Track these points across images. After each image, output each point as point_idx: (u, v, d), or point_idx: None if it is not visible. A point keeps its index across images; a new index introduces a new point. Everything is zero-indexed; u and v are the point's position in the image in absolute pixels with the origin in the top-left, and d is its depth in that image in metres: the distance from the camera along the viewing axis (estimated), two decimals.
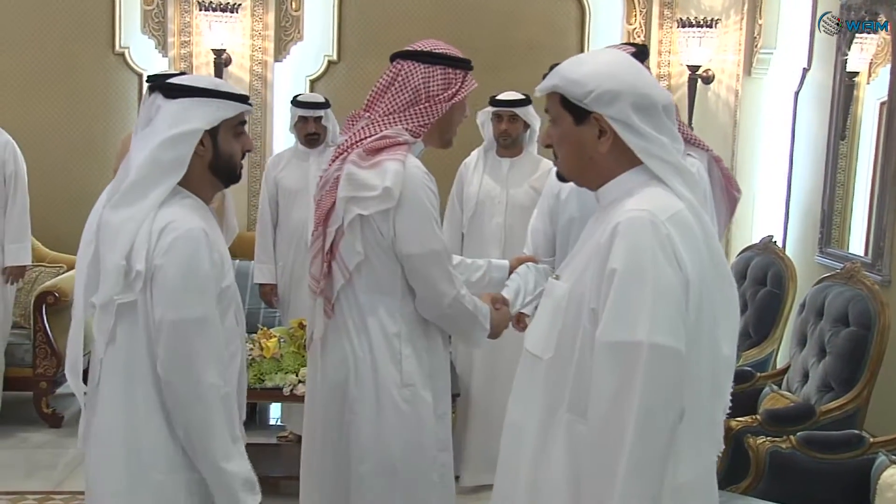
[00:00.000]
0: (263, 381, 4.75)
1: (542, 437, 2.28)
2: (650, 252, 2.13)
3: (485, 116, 5.59)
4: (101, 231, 2.67)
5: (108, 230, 2.64)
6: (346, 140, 3.26)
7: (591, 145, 2.30)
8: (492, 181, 5.55)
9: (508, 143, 5.51)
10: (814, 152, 6.14)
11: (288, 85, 7.07)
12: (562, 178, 2.55)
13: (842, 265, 4.98)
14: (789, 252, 5.90)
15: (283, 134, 7.03)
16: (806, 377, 4.68)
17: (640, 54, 3.46)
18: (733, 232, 6.80)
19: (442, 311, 3.21)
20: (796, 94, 6.43)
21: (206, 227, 2.67)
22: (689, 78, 6.86)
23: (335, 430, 3.29)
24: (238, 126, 2.81)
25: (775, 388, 4.79)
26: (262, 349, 4.91)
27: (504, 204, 5.47)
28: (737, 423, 4.03)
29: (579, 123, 2.30)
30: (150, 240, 2.59)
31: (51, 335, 6.15)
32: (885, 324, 4.39)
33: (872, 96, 5.58)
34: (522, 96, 5.44)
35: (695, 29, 6.80)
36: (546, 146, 2.46)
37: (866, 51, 5.58)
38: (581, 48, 7.07)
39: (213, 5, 6.81)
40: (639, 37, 6.98)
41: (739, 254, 5.88)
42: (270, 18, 7.00)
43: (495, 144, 5.57)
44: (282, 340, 4.98)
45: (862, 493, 3.84)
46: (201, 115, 2.70)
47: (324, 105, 5.81)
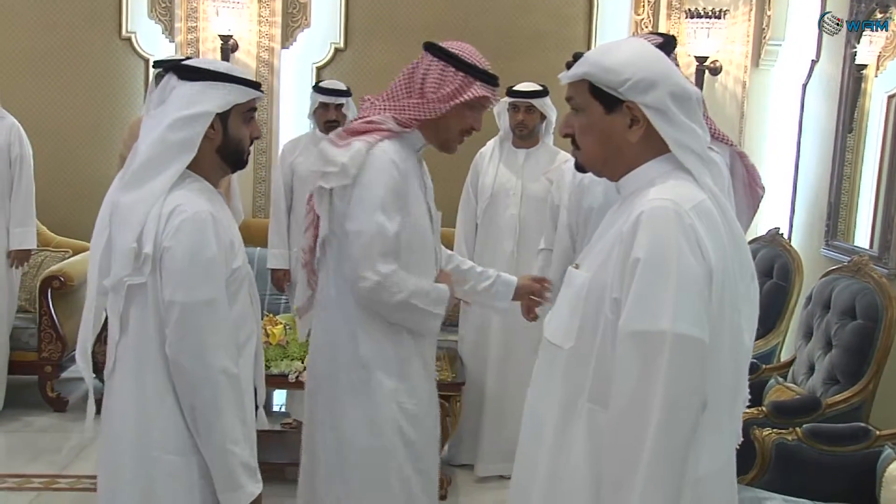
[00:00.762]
0: (269, 367, 4.75)
1: (562, 426, 2.27)
2: (674, 242, 2.12)
3: (501, 107, 5.57)
4: (114, 213, 2.67)
5: (119, 212, 2.66)
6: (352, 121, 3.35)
7: (620, 134, 2.28)
8: (507, 172, 5.54)
9: (525, 135, 5.52)
10: (821, 145, 6.13)
11: (294, 72, 7.06)
12: (581, 168, 2.49)
13: (848, 258, 4.98)
14: (795, 244, 5.91)
15: (289, 120, 7.04)
16: (812, 370, 4.69)
17: (667, 45, 3.43)
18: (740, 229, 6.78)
19: (362, 296, 3.18)
20: (804, 86, 6.43)
21: (213, 210, 2.69)
22: (696, 69, 6.82)
23: (312, 405, 3.39)
24: (248, 112, 2.83)
25: (781, 380, 4.80)
26: (268, 336, 4.92)
27: (519, 195, 5.47)
28: (742, 414, 4.01)
29: (610, 112, 2.27)
30: (158, 223, 2.61)
31: (56, 319, 6.16)
32: (893, 317, 4.39)
33: (881, 89, 5.56)
34: (540, 87, 5.43)
35: (703, 20, 6.78)
36: (564, 136, 2.43)
37: (875, 44, 5.57)
38: (588, 38, 7.07)
39: None
40: (646, 27, 6.96)
41: None
42: (278, 5, 6.99)
43: (511, 135, 5.57)
44: (287, 327, 4.98)
45: (867, 486, 3.85)
46: (214, 99, 2.72)
47: (346, 93, 5.79)
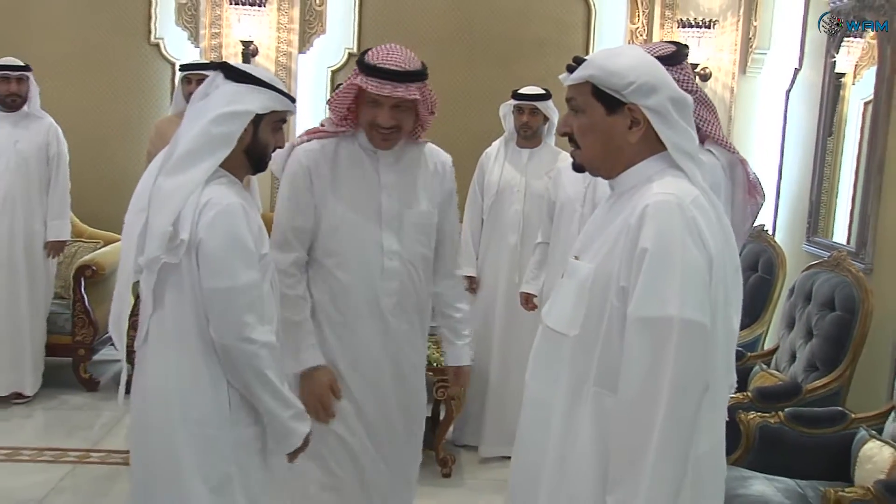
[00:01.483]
0: None
1: (570, 410, 2.26)
2: (678, 233, 2.13)
3: (507, 109, 5.62)
4: (154, 196, 2.72)
5: (160, 194, 2.71)
6: None
7: (620, 134, 2.28)
8: (512, 170, 5.58)
9: (529, 135, 5.55)
10: (803, 147, 6.14)
11: (311, 75, 7.10)
12: (578, 167, 2.43)
13: (827, 253, 5.03)
14: (779, 240, 5.92)
15: (305, 120, 7.07)
16: (793, 357, 4.73)
17: (680, 54, 3.36)
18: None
19: None
20: (788, 92, 6.42)
21: (242, 202, 2.76)
22: None
23: None
24: (278, 122, 2.89)
25: (764, 367, 4.83)
26: None
27: (523, 192, 5.50)
28: (729, 399, 4.05)
29: (611, 113, 2.27)
30: (194, 213, 2.67)
31: (88, 305, 6.22)
32: (868, 309, 4.44)
33: (857, 96, 5.58)
34: (543, 91, 5.48)
35: (694, 29, 6.80)
36: (562, 135, 2.42)
37: (853, 54, 5.59)
38: (587, 45, 7.07)
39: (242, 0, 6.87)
40: (641, 35, 6.99)
41: None
42: (295, 12, 7.02)
43: (516, 135, 5.60)
44: None
45: (843, 465, 3.90)
46: (255, 100, 2.78)
47: None
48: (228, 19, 6.90)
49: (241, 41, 6.85)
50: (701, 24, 6.83)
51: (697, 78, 6.83)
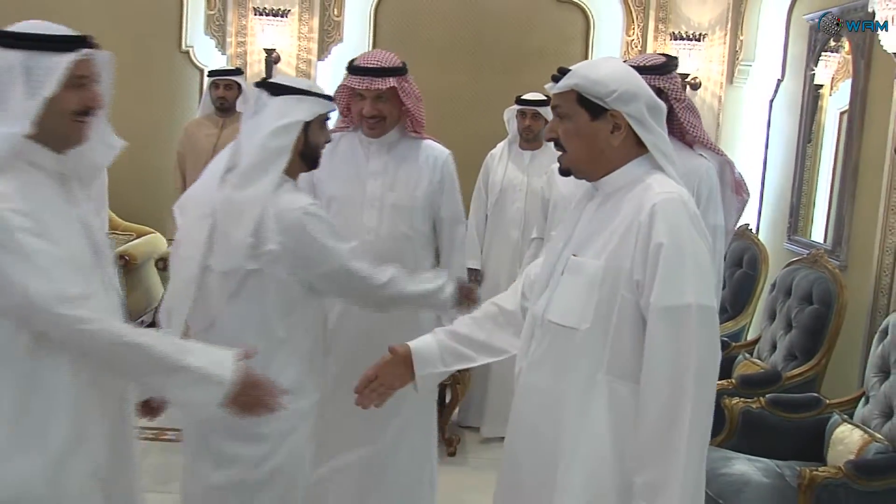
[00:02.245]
0: None
1: (584, 399, 2.24)
2: (686, 228, 2.17)
3: (510, 113, 5.69)
4: (223, 208, 2.82)
5: (232, 207, 2.82)
6: None
7: (603, 139, 2.28)
8: (515, 170, 5.64)
9: (531, 138, 5.62)
10: (784, 153, 6.15)
11: (329, 81, 7.14)
12: (564, 171, 2.42)
13: (807, 251, 5.03)
14: (762, 238, 5.92)
15: None
16: (774, 347, 4.75)
17: (669, 64, 3.46)
18: None
19: None
20: (771, 101, 6.43)
21: (311, 201, 2.97)
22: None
23: None
24: (324, 121, 3.02)
25: (748, 356, 4.85)
26: None
27: (524, 191, 5.56)
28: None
29: (595, 119, 2.27)
30: (278, 222, 2.80)
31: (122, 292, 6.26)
32: (843, 303, 4.45)
33: (834, 106, 5.59)
34: (545, 97, 5.53)
35: (685, 42, 6.83)
36: (549, 140, 2.40)
37: (829, 67, 5.60)
38: (585, 55, 7.08)
39: (266, 10, 6.90)
40: (636, 47, 7.00)
41: None
42: (315, 22, 7.06)
43: (519, 138, 5.67)
44: None
45: (818, 447, 3.94)
46: (302, 110, 2.91)
47: None
48: (253, 29, 6.95)
49: (264, 49, 6.90)
50: (691, 37, 6.86)
51: (688, 87, 6.88)
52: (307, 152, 2.99)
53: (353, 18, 7.21)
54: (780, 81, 6.31)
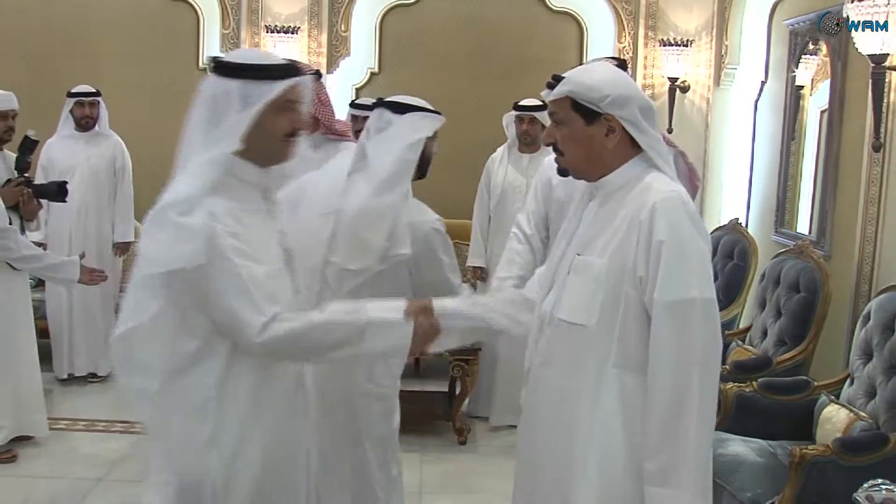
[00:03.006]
0: None
1: (595, 391, 2.24)
2: (686, 224, 2.16)
3: (509, 119, 5.72)
4: (358, 212, 2.92)
5: (369, 213, 2.93)
6: None
7: (598, 142, 2.26)
8: (514, 173, 5.66)
9: (528, 142, 5.63)
10: (770, 150, 6.16)
11: (337, 92, 7.19)
12: (563, 172, 2.43)
13: (793, 242, 5.03)
14: (751, 231, 5.90)
15: None
16: (765, 334, 4.75)
17: (622, 66, 3.50)
18: (706, 215, 6.79)
19: None
20: (755, 102, 6.43)
21: (438, 217, 3.10)
22: (669, 88, 6.91)
23: None
24: (436, 134, 3.12)
25: (740, 343, 4.85)
26: None
27: (524, 192, 5.51)
28: None
29: (589, 124, 2.26)
30: (412, 231, 2.96)
31: None
32: (828, 291, 4.47)
33: (815, 106, 5.60)
34: (541, 102, 5.51)
35: (673, 47, 6.85)
36: (546, 145, 2.40)
37: (809, 69, 5.61)
38: (580, 62, 6.97)
39: (277, 28, 6.96)
40: (627, 53, 6.99)
41: (711, 233, 5.68)
42: (324, 38, 7.11)
43: (517, 142, 5.69)
44: None
45: (807, 426, 3.96)
46: (427, 125, 3.04)
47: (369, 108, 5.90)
48: (265, 45, 6.97)
49: None
50: (679, 42, 6.87)
51: (678, 90, 6.93)
52: (422, 163, 3.11)
53: (360, 33, 7.26)
54: (763, 83, 6.31)
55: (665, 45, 6.93)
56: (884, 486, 3.04)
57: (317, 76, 6.02)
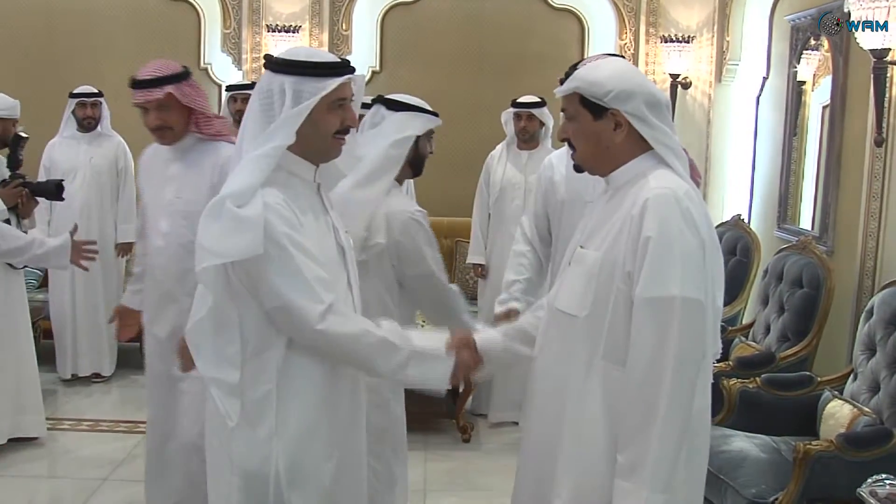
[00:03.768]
0: None
1: (582, 382, 2.26)
2: (675, 222, 2.14)
3: (507, 116, 5.71)
4: (341, 204, 2.87)
5: (350, 205, 2.93)
6: None
7: (607, 137, 2.28)
8: (513, 169, 5.66)
9: (527, 138, 5.64)
10: (772, 146, 6.15)
11: None
12: (578, 168, 2.44)
13: (796, 238, 5.03)
14: (754, 227, 5.91)
15: None
16: (768, 330, 4.76)
17: None
18: (709, 211, 6.77)
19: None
20: (757, 98, 6.42)
21: (419, 208, 3.12)
22: (670, 84, 6.89)
23: None
24: (431, 134, 3.18)
25: (743, 339, 4.86)
26: None
27: (523, 189, 5.58)
28: (713, 368, 3.97)
29: (597, 119, 2.27)
30: (387, 221, 3.00)
31: None
32: (831, 286, 4.48)
33: (817, 101, 5.59)
34: (538, 99, 5.54)
35: (675, 44, 6.85)
36: (561, 140, 2.42)
37: (811, 64, 5.61)
38: (581, 59, 6.99)
39: (279, 27, 6.95)
40: (628, 50, 7.00)
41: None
42: (325, 37, 7.10)
43: (516, 139, 5.69)
44: None
45: (811, 422, 3.98)
46: (416, 125, 3.10)
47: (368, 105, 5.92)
48: (267, 45, 6.98)
49: None
50: (681, 39, 6.87)
51: (679, 86, 6.91)
52: (416, 161, 3.18)
53: (361, 32, 7.25)
54: (765, 79, 6.31)
55: (666, 42, 6.92)
56: (888, 482, 3.06)
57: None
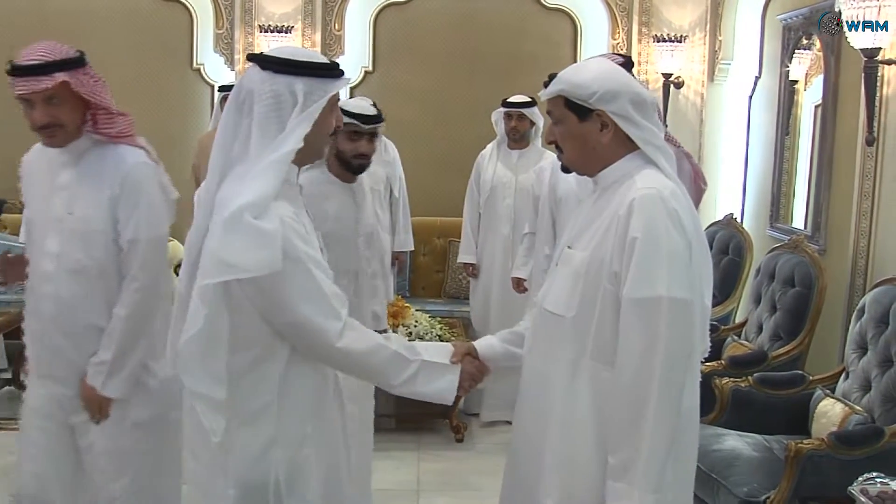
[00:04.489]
0: None
1: (570, 382, 2.27)
2: (662, 222, 2.15)
3: (497, 116, 5.73)
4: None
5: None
6: None
7: (593, 138, 2.28)
8: (504, 169, 5.68)
9: (517, 138, 5.66)
10: (764, 145, 6.17)
11: None
12: (566, 169, 2.45)
13: (788, 237, 5.03)
14: (746, 226, 5.93)
15: None
16: (760, 329, 4.77)
17: (627, 64, 3.50)
18: (701, 210, 6.67)
19: None
20: (750, 97, 6.43)
21: None
22: (663, 84, 6.89)
23: None
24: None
25: (736, 338, 4.87)
26: None
27: (513, 188, 5.61)
28: (706, 367, 4.04)
29: (583, 120, 2.27)
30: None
31: None
32: (823, 285, 4.49)
33: (809, 100, 5.61)
34: (529, 99, 5.55)
35: (667, 43, 6.85)
36: (549, 143, 2.43)
37: (803, 64, 5.63)
38: (574, 59, 7.03)
39: (271, 27, 6.92)
40: (622, 50, 6.94)
41: (706, 229, 5.65)
42: (318, 37, 7.07)
43: (506, 139, 5.71)
44: None
45: (803, 421, 4.00)
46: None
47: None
48: (259, 45, 6.93)
49: None
50: (673, 38, 6.87)
51: (672, 86, 6.91)
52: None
53: (354, 32, 7.23)
54: (757, 78, 6.33)
55: (659, 41, 6.92)
56: (879, 480, 3.07)
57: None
